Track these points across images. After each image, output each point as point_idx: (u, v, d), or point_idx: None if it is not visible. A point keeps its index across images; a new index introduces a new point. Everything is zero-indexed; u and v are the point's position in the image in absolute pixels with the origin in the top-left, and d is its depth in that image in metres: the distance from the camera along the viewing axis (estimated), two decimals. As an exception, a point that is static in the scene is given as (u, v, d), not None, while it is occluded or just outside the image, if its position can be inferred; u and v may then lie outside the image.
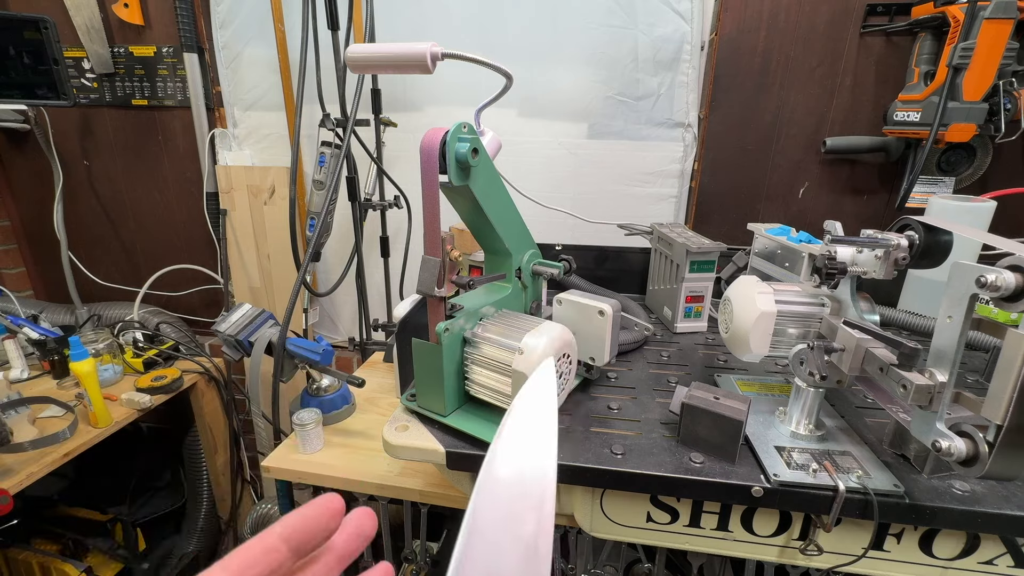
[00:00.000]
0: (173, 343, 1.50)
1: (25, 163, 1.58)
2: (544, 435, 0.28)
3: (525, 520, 0.25)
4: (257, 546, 0.21)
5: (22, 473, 1.03)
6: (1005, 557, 0.56)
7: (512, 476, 0.26)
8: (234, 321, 1.04)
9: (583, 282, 1.11)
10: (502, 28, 1.25)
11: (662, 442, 0.62)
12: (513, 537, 0.25)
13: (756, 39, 1.18)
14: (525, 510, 0.25)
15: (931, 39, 1.06)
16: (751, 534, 0.61)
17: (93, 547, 1.45)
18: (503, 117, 1.31)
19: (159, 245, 1.63)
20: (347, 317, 1.58)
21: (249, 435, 1.71)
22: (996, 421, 0.41)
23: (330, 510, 0.23)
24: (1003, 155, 1.11)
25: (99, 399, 1.17)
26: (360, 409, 1.12)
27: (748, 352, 0.63)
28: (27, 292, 1.73)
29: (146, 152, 1.53)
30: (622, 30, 1.21)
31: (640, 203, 1.34)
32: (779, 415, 0.65)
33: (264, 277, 1.54)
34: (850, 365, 0.53)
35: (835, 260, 0.59)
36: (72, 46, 1.41)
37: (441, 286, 0.58)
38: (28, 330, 1.33)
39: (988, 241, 0.49)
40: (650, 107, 1.26)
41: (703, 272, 0.94)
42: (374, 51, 0.64)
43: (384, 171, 1.31)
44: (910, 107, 1.07)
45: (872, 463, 0.57)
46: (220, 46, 1.38)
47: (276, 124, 1.43)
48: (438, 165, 0.55)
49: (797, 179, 1.26)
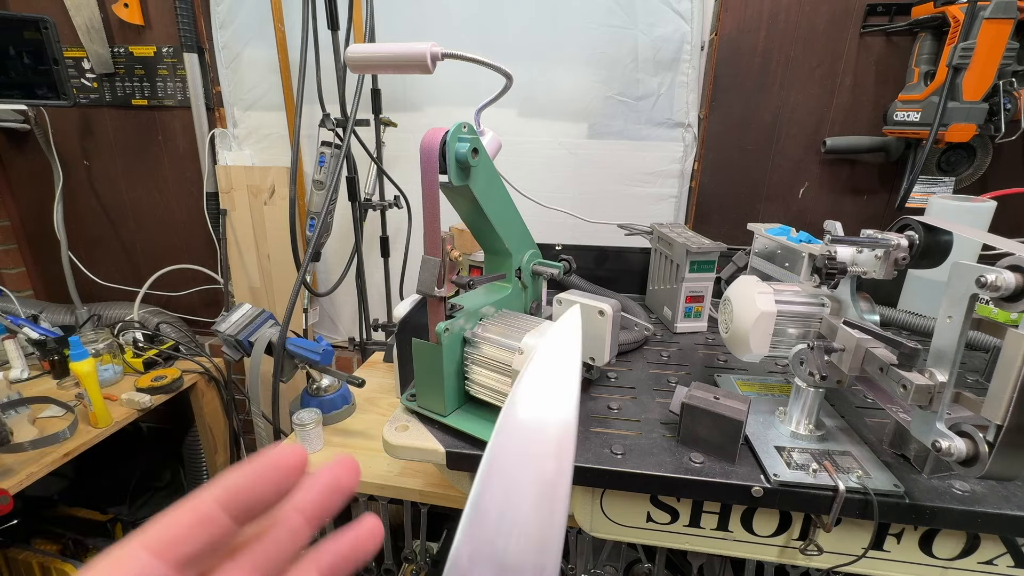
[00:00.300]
0: (173, 343, 1.50)
1: (25, 163, 1.58)
2: (567, 382, 0.27)
3: (544, 463, 0.24)
4: (187, 515, 0.18)
5: (22, 473, 1.02)
6: (1005, 557, 0.56)
7: (533, 420, 0.25)
8: (234, 321, 1.04)
9: (583, 282, 1.11)
10: (502, 28, 1.25)
11: (662, 442, 0.62)
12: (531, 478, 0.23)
13: (756, 39, 1.18)
14: (544, 454, 0.24)
15: (931, 39, 1.06)
16: (751, 534, 0.61)
17: (93, 547, 1.44)
18: (503, 117, 1.31)
19: (159, 245, 1.63)
20: (347, 317, 1.58)
21: (249, 435, 1.70)
22: (996, 421, 0.41)
23: (283, 464, 0.19)
24: (1003, 155, 1.11)
25: (99, 399, 1.17)
26: (360, 409, 1.12)
27: (748, 352, 0.63)
28: (27, 292, 1.73)
29: (146, 152, 1.53)
30: (622, 30, 1.21)
31: (640, 203, 1.34)
32: (779, 415, 0.65)
33: (264, 277, 1.54)
34: (850, 365, 0.53)
35: (835, 260, 0.59)
36: (72, 46, 1.41)
37: (441, 286, 0.58)
38: (28, 330, 1.33)
39: (988, 241, 0.49)
40: (650, 107, 1.26)
41: (703, 272, 0.94)
42: (374, 51, 0.64)
43: (384, 171, 1.31)
44: (910, 107, 1.07)
45: (872, 463, 0.57)
46: (220, 46, 1.38)
47: (276, 124, 1.43)
48: (438, 165, 0.55)
49: (797, 179, 1.26)
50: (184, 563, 0.17)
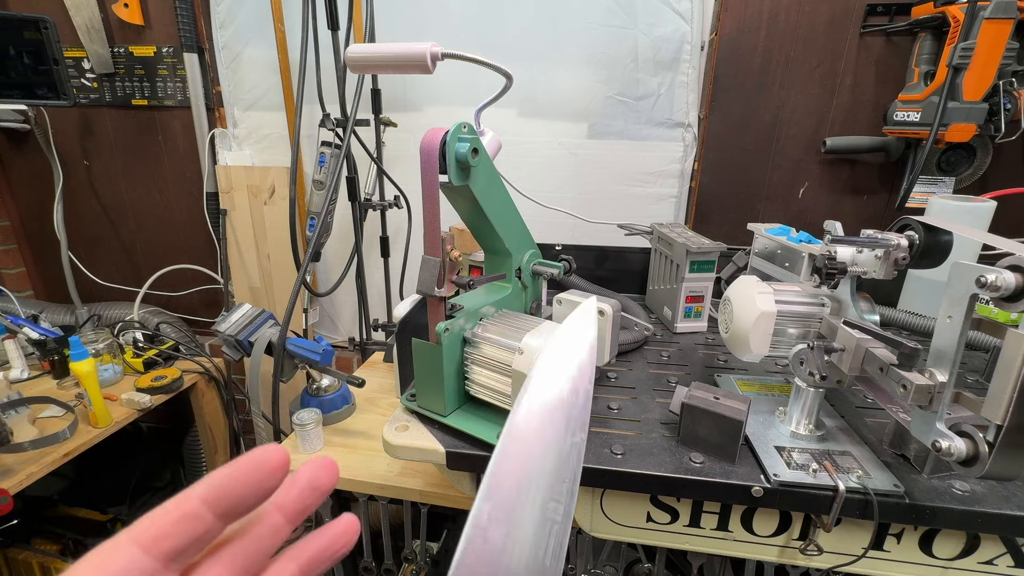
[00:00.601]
0: (173, 343, 1.50)
1: (25, 163, 1.59)
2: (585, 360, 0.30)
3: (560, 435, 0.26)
4: (173, 512, 0.18)
5: (22, 473, 1.02)
6: (1005, 557, 0.56)
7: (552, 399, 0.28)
8: (234, 321, 1.04)
9: (583, 282, 1.11)
10: (502, 28, 1.25)
11: (662, 442, 0.62)
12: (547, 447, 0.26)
13: (756, 39, 1.18)
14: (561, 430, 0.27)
15: (931, 39, 1.06)
16: (751, 534, 0.61)
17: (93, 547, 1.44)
18: (503, 117, 1.31)
19: (159, 245, 1.63)
20: (347, 317, 1.58)
21: (249, 435, 1.70)
22: (996, 421, 0.41)
23: (266, 465, 0.20)
24: (1003, 155, 1.11)
25: (99, 399, 1.17)
26: (360, 409, 1.12)
27: (748, 352, 0.63)
28: (27, 292, 1.73)
29: (146, 152, 1.53)
30: (622, 30, 1.21)
31: (640, 203, 1.34)
32: (779, 415, 0.65)
33: (264, 277, 1.54)
34: (850, 365, 0.53)
35: (835, 260, 0.59)
36: (72, 46, 1.41)
37: (441, 286, 0.58)
38: (28, 330, 1.33)
39: (988, 241, 0.49)
40: (650, 107, 1.26)
41: (703, 272, 0.94)
42: (374, 51, 0.64)
43: (384, 171, 1.31)
44: (910, 107, 1.07)
45: (872, 463, 0.57)
46: (220, 46, 1.38)
47: (276, 124, 1.43)
48: (438, 165, 0.55)
49: (797, 179, 1.26)
50: (170, 558, 0.18)
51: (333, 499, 0.95)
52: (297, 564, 0.22)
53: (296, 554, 0.22)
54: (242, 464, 0.20)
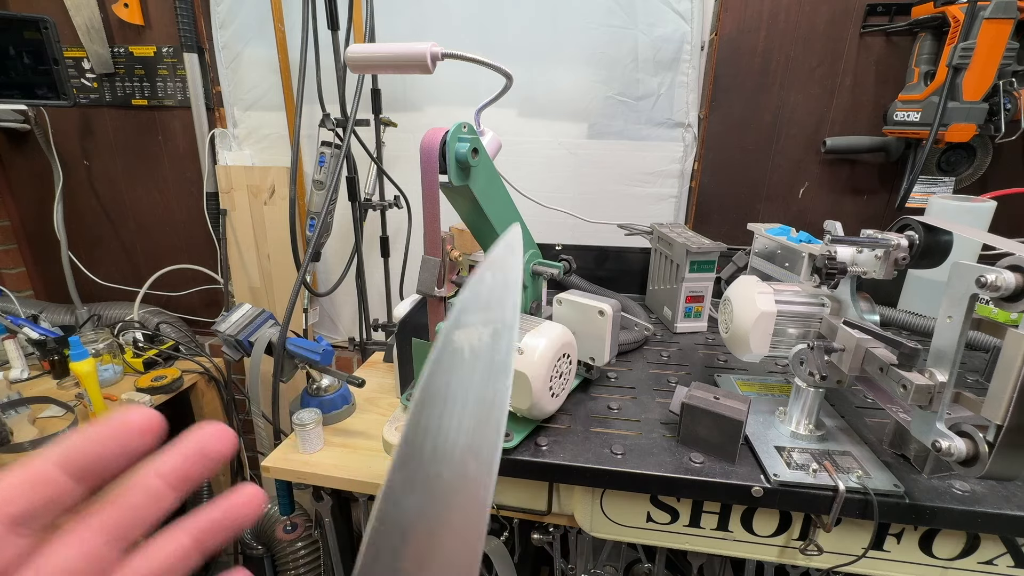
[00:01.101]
0: (173, 343, 1.50)
1: (25, 163, 1.58)
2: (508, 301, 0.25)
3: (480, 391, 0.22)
4: (20, 476, 0.18)
5: (22, 473, 1.02)
6: (1005, 557, 0.56)
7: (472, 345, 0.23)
8: (234, 321, 1.04)
9: (583, 282, 1.11)
10: (502, 28, 1.25)
11: (662, 442, 0.62)
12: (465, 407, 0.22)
13: (756, 39, 1.18)
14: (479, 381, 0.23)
15: (931, 39, 1.06)
16: (751, 534, 0.61)
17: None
18: (503, 117, 1.31)
19: (159, 245, 1.63)
20: (347, 317, 1.58)
21: (249, 435, 1.70)
22: (996, 421, 0.41)
23: (127, 426, 0.19)
24: (1003, 155, 1.11)
25: (99, 399, 1.17)
26: (360, 409, 1.12)
27: (748, 352, 0.63)
28: (27, 292, 1.73)
29: (146, 152, 1.53)
30: (622, 30, 1.21)
31: (640, 203, 1.34)
32: (779, 415, 0.65)
33: (264, 277, 1.54)
34: (850, 365, 0.53)
35: (835, 260, 0.59)
36: (72, 46, 1.41)
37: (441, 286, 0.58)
38: (28, 330, 1.33)
39: (988, 241, 0.49)
40: (650, 107, 1.26)
41: (703, 272, 0.94)
42: (374, 51, 0.64)
43: (384, 171, 1.31)
44: (910, 107, 1.07)
45: (872, 463, 0.57)
46: (220, 46, 1.38)
47: (276, 124, 1.43)
48: (438, 165, 0.55)
49: (797, 179, 1.26)
50: (16, 522, 0.17)
51: (333, 499, 0.95)
52: (188, 534, 0.21)
53: (188, 524, 0.21)
54: (101, 425, 0.19)
